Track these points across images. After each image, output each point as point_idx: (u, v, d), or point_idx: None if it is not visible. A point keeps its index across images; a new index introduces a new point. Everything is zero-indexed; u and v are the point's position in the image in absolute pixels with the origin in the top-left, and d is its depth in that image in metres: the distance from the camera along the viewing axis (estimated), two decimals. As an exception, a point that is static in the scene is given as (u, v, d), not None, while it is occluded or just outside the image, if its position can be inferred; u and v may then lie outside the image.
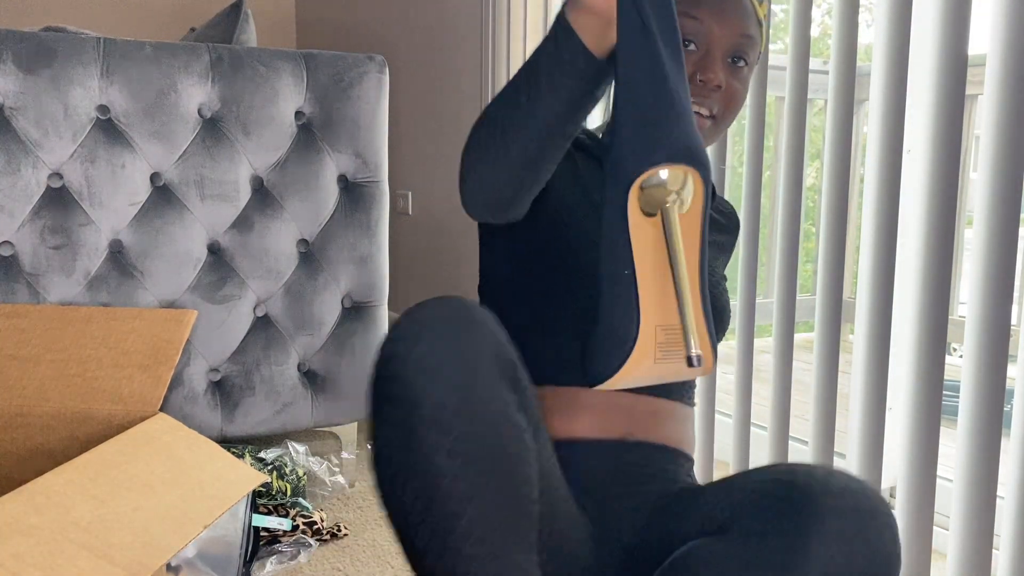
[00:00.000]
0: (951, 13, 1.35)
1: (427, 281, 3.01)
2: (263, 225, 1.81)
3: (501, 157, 0.77)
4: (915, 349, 1.42)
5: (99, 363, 1.05)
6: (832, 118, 1.54)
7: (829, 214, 1.56)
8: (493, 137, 0.77)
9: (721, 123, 0.97)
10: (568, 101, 0.74)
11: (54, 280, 1.65)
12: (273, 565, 1.47)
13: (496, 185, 0.79)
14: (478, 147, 0.79)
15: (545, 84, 0.74)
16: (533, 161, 0.77)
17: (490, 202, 0.82)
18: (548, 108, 0.74)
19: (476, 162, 0.79)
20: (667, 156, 0.65)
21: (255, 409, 1.86)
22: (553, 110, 0.74)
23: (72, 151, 1.63)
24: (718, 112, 0.95)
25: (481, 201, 0.82)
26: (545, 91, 0.74)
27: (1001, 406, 1.31)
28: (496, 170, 0.78)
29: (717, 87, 0.93)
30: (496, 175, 0.78)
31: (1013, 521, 1.32)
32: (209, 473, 0.93)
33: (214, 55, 1.73)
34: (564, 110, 0.74)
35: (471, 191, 0.82)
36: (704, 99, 0.94)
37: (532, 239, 0.99)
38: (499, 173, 0.78)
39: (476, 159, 0.80)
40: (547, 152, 0.77)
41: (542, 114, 0.74)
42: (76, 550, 0.74)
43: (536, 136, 0.76)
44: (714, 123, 0.96)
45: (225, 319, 1.80)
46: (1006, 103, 1.27)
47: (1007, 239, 1.28)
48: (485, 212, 0.84)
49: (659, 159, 0.65)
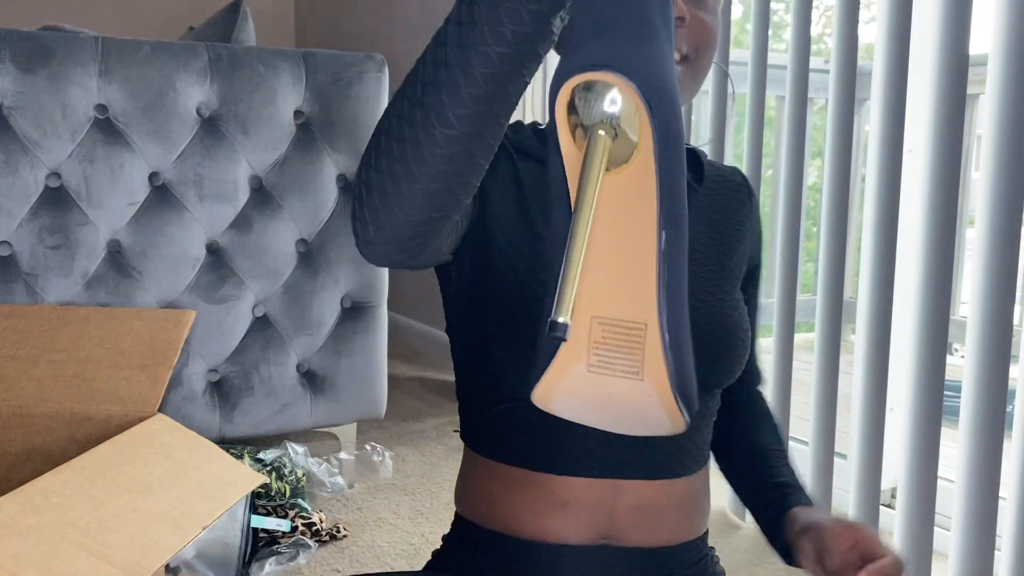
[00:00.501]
0: (952, 12, 1.34)
1: (427, 281, 3.01)
2: (262, 225, 1.81)
3: (412, 166, 0.56)
4: (916, 349, 1.42)
5: (97, 363, 1.05)
6: (833, 117, 1.53)
7: (830, 213, 1.56)
8: (399, 137, 0.56)
9: (696, 65, 0.79)
10: (508, 45, 0.52)
11: (52, 280, 1.64)
12: (272, 566, 1.47)
13: (406, 209, 0.58)
14: (376, 162, 0.58)
15: (475, 33, 0.52)
16: (460, 160, 0.56)
17: (397, 236, 0.60)
18: (483, 63, 0.52)
19: (375, 182, 0.58)
20: (611, 64, 0.47)
21: (254, 410, 1.85)
22: (488, 68, 0.52)
23: (70, 151, 1.62)
24: (689, 51, 0.78)
25: (386, 238, 0.60)
26: (478, 40, 0.52)
27: (1003, 406, 1.31)
28: (405, 185, 0.57)
29: (679, 19, 0.76)
30: (405, 193, 0.57)
31: (1015, 522, 1.31)
32: (208, 474, 0.93)
33: (213, 54, 1.73)
34: (503, 61, 0.52)
35: (370, 226, 0.60)
36: None
37: (478, 294, 0.80)
38: (411, 190, 0.57)
39: (375, 176, 0.58)
40: (478, 144, 0.56)
41: (472, 78, 0.52)
42: (74, 551, 0.73)
43: (467, 113, 0.54)
44: (688, 66, 0.78)
45: (224, 319, 1.80)
46: (1007, 102, 1.27)
47: (1009, 238, 1.28)
48: (392, 250, 0.62)
49: (597, 63, 0.47)
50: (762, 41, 1.66)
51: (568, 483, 0.79)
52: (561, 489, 0.79)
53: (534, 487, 0.80)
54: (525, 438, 0.80)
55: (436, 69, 0.54)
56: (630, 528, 0.80)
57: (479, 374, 0.83)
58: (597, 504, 0.79)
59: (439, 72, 0.54)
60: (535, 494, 0.80)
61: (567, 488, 0.79)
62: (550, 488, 0.79)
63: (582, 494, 0.79)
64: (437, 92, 0.54)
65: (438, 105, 0.54)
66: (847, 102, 1.52)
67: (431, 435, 2.21)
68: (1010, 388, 1.31)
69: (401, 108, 0.56)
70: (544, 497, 0.79)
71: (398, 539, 1.63)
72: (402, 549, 1.59)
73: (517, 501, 0.80)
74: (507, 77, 0.53)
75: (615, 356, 0.50)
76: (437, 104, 0.54)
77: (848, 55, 1.50)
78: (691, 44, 0.77)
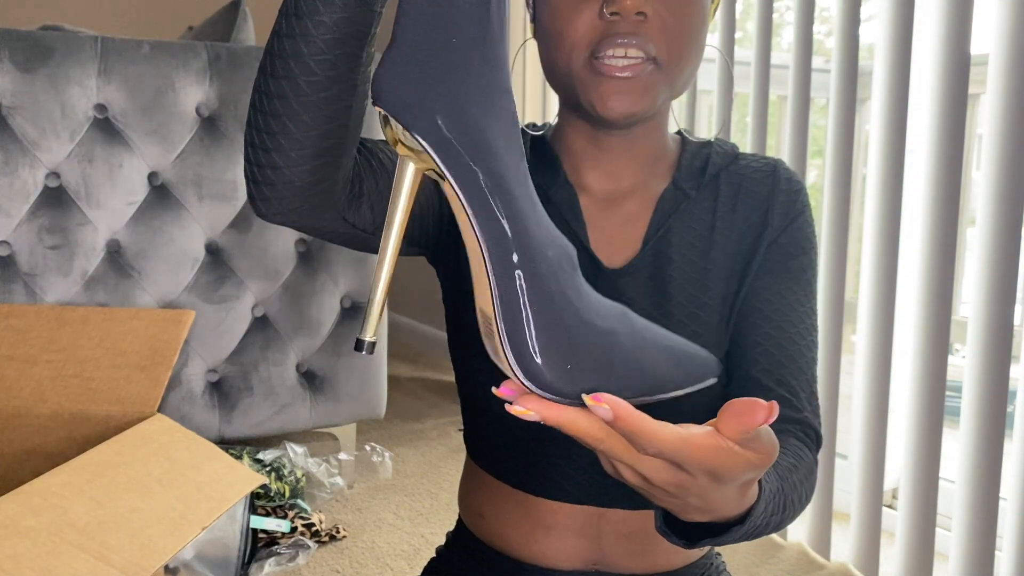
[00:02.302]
0: (953, 12, 1.34)
1: (427, 281, 3.01)
2: (261, 225, 1.80)
3: (282, 127, 0.56)
4: (917, 349, 1.42)
5: (96, 364, 1.05)
6: (834, 117, 1.53)
7: (831, 213, 1.55)
8: (265, 109, 0.57)
9: (672, 67, 0.70)
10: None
11: (51, 280, 1.64)
12: (271, 567, 1.46)
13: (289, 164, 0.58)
14: (252, 132, 0.59)
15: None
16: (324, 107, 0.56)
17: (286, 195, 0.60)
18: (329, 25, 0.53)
19: (258, 139, 0.59)
20: (398, 111, 0.47)
21: (253, 410, 1.85)
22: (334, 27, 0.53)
23: (69, 150, 1.62)
24: (659, 52, 0.69)
25: (280, 193, 0.60)
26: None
27: (1004, 407, 1.31)
28: (281, 144, 0.57)
29: (639, 15, 0.67)
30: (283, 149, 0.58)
31: (1015, 522, 1.31)
32: (207, 474, 0.93)
33: (212, 54, 1.73)
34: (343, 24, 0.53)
35: (263, 185, 0.60)
36: (628, 37, 0.68)
37: (460, 296, 0.79)
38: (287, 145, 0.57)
39: (254, 142, 0.59)
40: (342, 83, 0.56)
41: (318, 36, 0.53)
42: (73, 552, 0.73)
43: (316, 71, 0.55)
44: (659, 69, 0.69)
45: (223, 319, 1.79)
46: (1009, 102, 1.27)
47: (1010, 238, 1.28)
48: (289, 207, 0.61)
49: (389, 102, 0.47)
50: (764, 41, 1.66)
51: (552, 507, 0.77)
52: (546, 513, 0.77)
53: (521, 507, 0.78)
54: (511, 455, 0.78)
55: (287, 20, 0.55)
56: (621, 555, 0.77)
57: (469, 379, 0.81)
58: (583, 531, 0.77)
59: (290, 23, 0.55)
60: (521, 515, 0.78)
61: (551, 512, 0.77)
62: (536, 511, 0.77)
63: (567, 519, 0.77)
64: (293, 41, 0.55)
65: (296, 54, 0.55)
66: (848, 102, 1.51)
67: (431, 435, 2.20)
68: (1011, 388, 1.31)
69: (265, 64, 0.57)
70: (530, 519, 0.78)
71: (397, 540, 1.63)
72: (402, 550, 1.59)
73: (505, 520, 0.79)
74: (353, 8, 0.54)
75: (489, 343, 0.51)
76: (295, 53, 0.55)
77: (849, 54, 1.50)
78: (661, 44, 0.69)
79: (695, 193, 0.78)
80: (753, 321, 0.75)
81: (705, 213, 0.78)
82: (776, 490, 0.59)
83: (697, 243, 0.77)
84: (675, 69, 0.71)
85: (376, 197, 0.67)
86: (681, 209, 0.78)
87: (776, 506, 0.58)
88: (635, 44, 0.68)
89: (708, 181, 0.79)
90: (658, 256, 0.76)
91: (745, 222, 0.78)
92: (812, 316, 0.77)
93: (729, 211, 0.78)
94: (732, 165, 0.80)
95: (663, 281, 0.75)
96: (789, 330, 0.74)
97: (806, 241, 0.78)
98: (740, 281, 0.77)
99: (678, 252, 0.76)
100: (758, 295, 0.76)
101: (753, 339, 0.75)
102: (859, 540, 1.54)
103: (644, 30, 0.68)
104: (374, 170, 0.67)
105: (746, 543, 1.66)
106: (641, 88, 0.70)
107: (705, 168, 0.79)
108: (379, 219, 0.68)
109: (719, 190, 0.79)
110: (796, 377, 0.73)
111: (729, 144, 0.83)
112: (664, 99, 0.73)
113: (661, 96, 0.72)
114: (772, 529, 0.60)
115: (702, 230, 0.78)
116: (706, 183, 0.79)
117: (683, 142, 0.82)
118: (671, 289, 0.75)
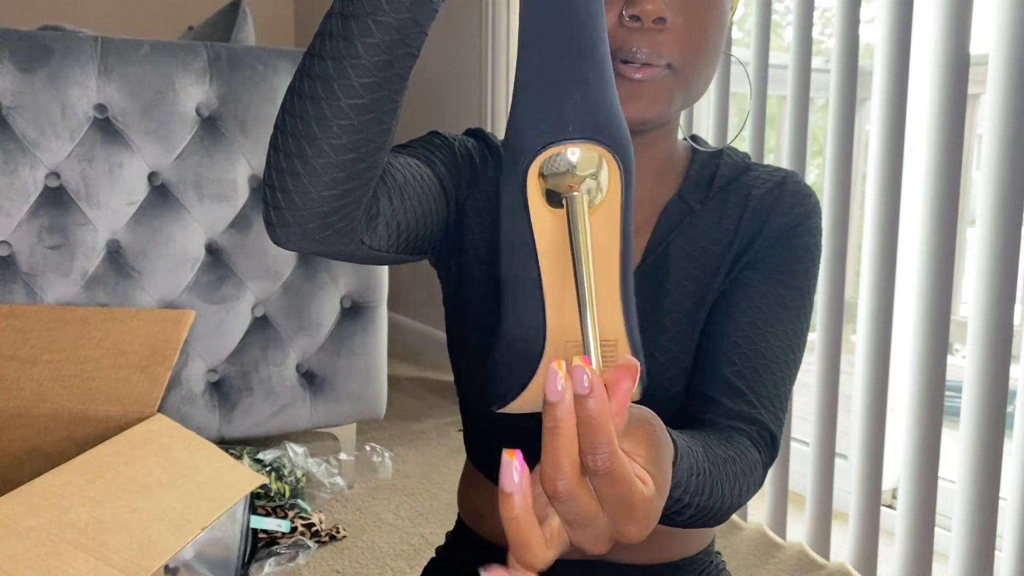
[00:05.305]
0: (953, 12, 1.34)
1: (427, 281, 3.00)
2: (261, 225, 1.80)
3: (317, 149, 0.55)
4: (917, 349, 1.42)
5: (96, 364, 1.05)
6: (834, 117, 1.53)
7: (831, 213, 1.55)
8: (303, 118, 0.55)
9: (686, 73, 0.69)
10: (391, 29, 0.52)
11: (51, 280, 1.64)
12: (271, 567, 1.46)
13: (314, 189, 0.56)
14: (280, 149, 0.57)
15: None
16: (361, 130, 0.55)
17: (310, 216, 0.58)
18: (371, 45, 0.52)
19: (285, 163, 0.56)
20: (568, 132, 0.50)
21: (253, 410, 1.85)
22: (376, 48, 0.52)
23: (69, 150, 1.62)
24: (676, 58, 0.67)
25: (303, 218, 0.58)
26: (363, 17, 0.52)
27: (1004, 407, 1.31)
28: (312, 168, 0.56)
29: (659, 20, 0.65)
30: (313, 174, 0.56)
31: (1015, 522, 1.31)
32: (207, 474, 0.93)
33: (212, 54, 1.73)
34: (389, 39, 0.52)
35: (285, 210, 0.58)
36: (647, 44, 0.66)
37: (462, 301, 0.79)
38: (316, 170, 0.56)
39: (282, 164, 0.57)
40: (383, 104, 0.55)
41: (361, 60, 0.52)
42: (73, 552, 0.73)
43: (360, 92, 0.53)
44: (676, 76, 0.68)
45: (223, 319, 1.80)
46: (1008, 102, 1.27)
47: (1010, 238, 1.28)
48: (310, 231, 0.59)
49: (557, 135, 0.50)
50: (763, 41, 1.66)
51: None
52: None
53: None
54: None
55: (333, 41, 0.54)
56: (621, 547, 0.73)
57: (468, 381, 0.80)
58: None
59: (336, 44, 0.53)
60: None
61: None
62: None
63: None
64: (339, 64, 0.53)
65: (341, 76, 0.53)
66: (848, 101, 1.51)
67: (431, 435, 2.20)
68: (1011, 388, 1.31)
69: (302, 86, 0.56)
70: None
71: (398, 540, 1.63)
72: (402, 550, 1.59)
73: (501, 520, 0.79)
74: (407, 28, 0.53)
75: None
76: (340, 75, 0.53)
77: (849, 54, 1.50)
78: (678, 50, 0.67)
79: (700, 207, 0.76)
80: (733, 318, 0.74)
81: (709, 227, 0.76)
82: (701, 470, 0.58)
83: (698, 257, 0.76)
84: (691, 76, 0.69)
85: (391, 216, 0.65)
86: (684, 223, 0.76)
87: (700, 487, 0.57)
88: (653, 51, 0.66)
89: (715, 194, 0.77)
90: (657, 270, 0.75)
91: (747, 234, 0.77)
92: (797, 322, 0.75)
93: (734, 225, 0.77)
94: (742, 176, 0.78)
95: (661, 295, 0.75)
96: (766, 332, 0.73)
97: (804, 250, 0.76)
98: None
99: (677, 266, 0.75)
100: (744, 293, 0.74)
101: (730, 336, 0.73)
102: (858, 540, 1.54)
103: (662, 40, 0.66)
104: (388, 188, 0.65)
105: (746, 543, 1.66)
106: (655, 93, 0.68)
107: (713, 180, 0.77)
108: (393, 238, 0.67)
109: (726, 202, 0.77)
110: (764, 378, 0.71)
111: (740, 154, 0.81)
112: (678, 106, 0.71)
113: (675, 102, 0.70)
114: (699, 513, 0.60)
115: (705, 244, 0.76)
116: (713, 196, 0.77)
117: (693, 151, 0.79)
118: (668, 303, 0.75)
